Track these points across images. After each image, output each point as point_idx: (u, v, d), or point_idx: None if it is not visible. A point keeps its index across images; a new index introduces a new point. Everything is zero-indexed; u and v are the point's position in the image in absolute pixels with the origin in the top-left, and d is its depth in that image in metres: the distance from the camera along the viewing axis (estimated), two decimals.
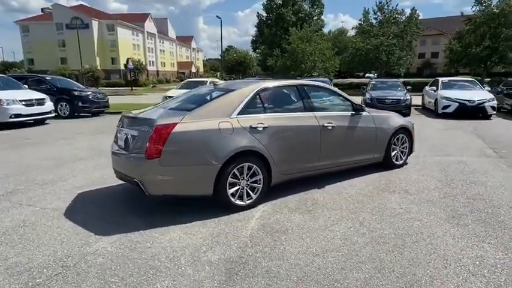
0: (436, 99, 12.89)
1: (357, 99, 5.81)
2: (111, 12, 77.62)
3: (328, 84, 7.19)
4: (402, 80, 19.26)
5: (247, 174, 3.76)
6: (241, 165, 3.68)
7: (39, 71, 38.11)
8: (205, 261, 2.73)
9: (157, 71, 73.23)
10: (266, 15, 49.10)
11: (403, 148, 5.60)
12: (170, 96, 10.89)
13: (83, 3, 69.15)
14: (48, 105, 11.15)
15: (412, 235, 3.17)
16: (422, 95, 15.71)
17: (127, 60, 43.80)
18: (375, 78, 25.84)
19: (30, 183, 4.76)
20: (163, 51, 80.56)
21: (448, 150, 6.83)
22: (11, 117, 9.95)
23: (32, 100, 10.55)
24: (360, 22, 33.58)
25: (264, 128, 3.84)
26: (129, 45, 64.12)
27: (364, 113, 5.03)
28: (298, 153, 4.24)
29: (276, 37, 44.22)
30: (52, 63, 53.63)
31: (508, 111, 13.14)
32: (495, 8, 27.40)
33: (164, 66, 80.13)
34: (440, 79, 14.14)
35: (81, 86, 15.42)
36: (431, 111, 13.53)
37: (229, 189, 3.64)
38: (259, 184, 3.85)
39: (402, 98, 12.75)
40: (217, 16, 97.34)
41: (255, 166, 3.77)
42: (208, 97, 4.26)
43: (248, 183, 3.79)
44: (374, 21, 32.75)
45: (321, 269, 2.62)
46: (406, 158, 5.68)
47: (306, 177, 4.50)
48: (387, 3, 31.57)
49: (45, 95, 11.29)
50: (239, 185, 3.71)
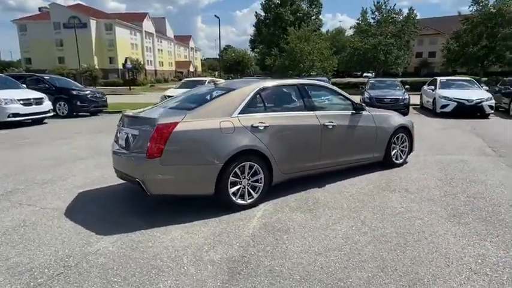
0: (434, 99, 12.92)
1: (355, 99, 5.81)
2: (109, 12, 77.70)
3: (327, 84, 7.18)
4: (400, 79, 19.29)
5: (249, 174, 3.76)
6: (243, 165, 3.68)
7: (36, 70, 37.90)
8: (208, 261, 2.73)
9: (155, 71, 73.04)
10: (264, 14, 49.02)
11: (403, 147, 5.61)
12: (169, 96, 10.87)
13: (81, 3, 68.72)
14: (47, 105, 11.10)
15: (414, 234, 3.17)
16: (421, 95, 15.73)
17: (125, 60, 43.57)
18: (373, 77, 25.89)
19: (30, 182, 4.74)
20: (161, 50, 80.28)
21: (448, 149, 6.85)
22: (9, 117, 9.90)
23: (30, 99, 10.49)
24: (358, 22, 33.78)
25: (265, 127, 3.84)
26: (127, 45, 63.89)
27: (364, 112, 5.03)
28: (299, 152, 4.24)
29: (274, 36, 44.16)
30: (50, 62, 53.38)
31: (506, 110, 13.20)
32: (492, 7, 27.56)
33: (162, 65, 79.88)
34: (439, 78, 14.17)
35: (80, 85, 15.36)
36: (430, 111, 13.57)
37: (231, 188, 3.63)
38: (261, 183, 3.85)
39: (401, 97, 12.78)
40: (216, 15, 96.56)
41: (256, 165, 3.77)
42: (208, 96, 4.25)
43: (249, 182, 3.78)
44: (372, 21, 32.98)
45: (323, 268, 2.62)
46: (406, 157, 5.70)
47: (306, 177, 4.50)
48: (385, 3, 31.84)
49: (43, 95, 11.24)
50: (240, 184, 3.71)
